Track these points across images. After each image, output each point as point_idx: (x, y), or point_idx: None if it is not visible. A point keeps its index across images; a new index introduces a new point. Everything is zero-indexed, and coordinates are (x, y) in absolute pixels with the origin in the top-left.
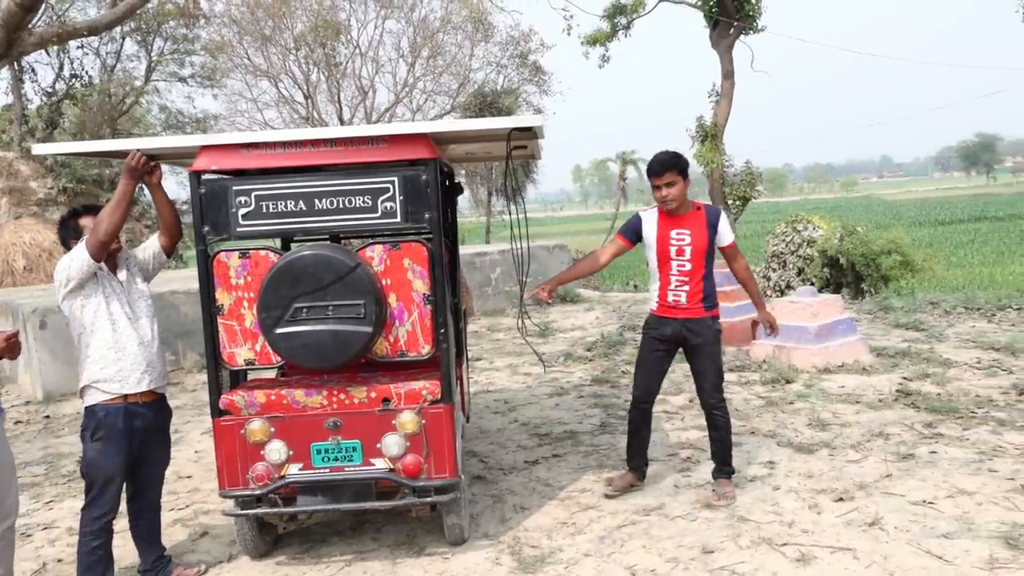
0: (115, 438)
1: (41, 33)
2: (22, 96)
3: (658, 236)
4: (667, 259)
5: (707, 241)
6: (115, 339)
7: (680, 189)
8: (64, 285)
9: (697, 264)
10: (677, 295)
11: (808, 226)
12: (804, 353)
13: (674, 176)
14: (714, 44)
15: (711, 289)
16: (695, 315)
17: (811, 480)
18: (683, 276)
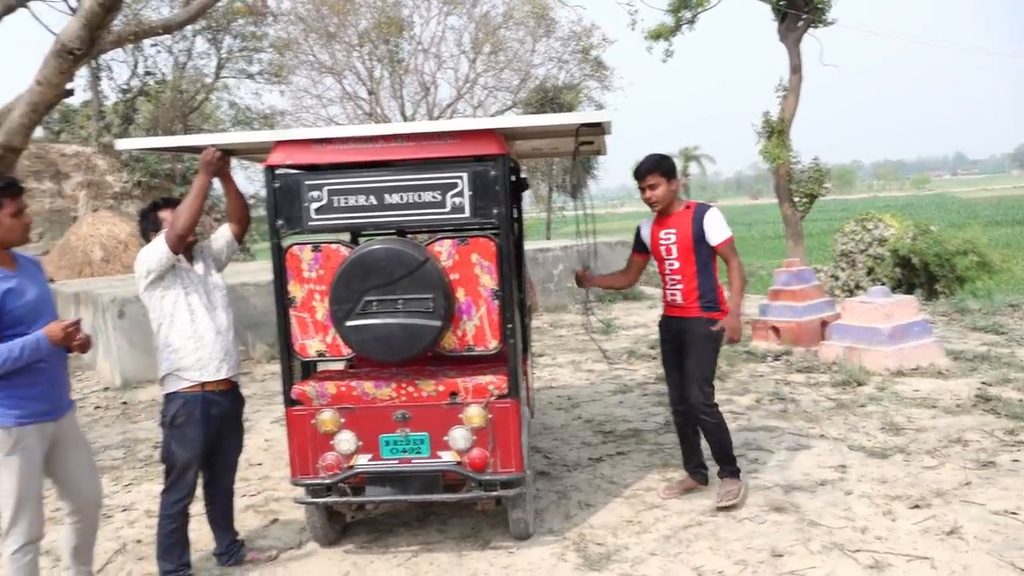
0: (193, 425)
1: (119, 32)
2: (99, 93)
3: (651, 238)
4: (660, 259)
5: (691, 238)
6: (194, 329)
7: (663, 191)
8: (144, 276)
9: (685, 262)
10: (673, 294)
11: (879, 224)
12: (876, 355)
13: (656, 178)
14: (782, 37)
15: (708, 288)
16: (690, 314)
17: (885, 486)
18: (675, 275)
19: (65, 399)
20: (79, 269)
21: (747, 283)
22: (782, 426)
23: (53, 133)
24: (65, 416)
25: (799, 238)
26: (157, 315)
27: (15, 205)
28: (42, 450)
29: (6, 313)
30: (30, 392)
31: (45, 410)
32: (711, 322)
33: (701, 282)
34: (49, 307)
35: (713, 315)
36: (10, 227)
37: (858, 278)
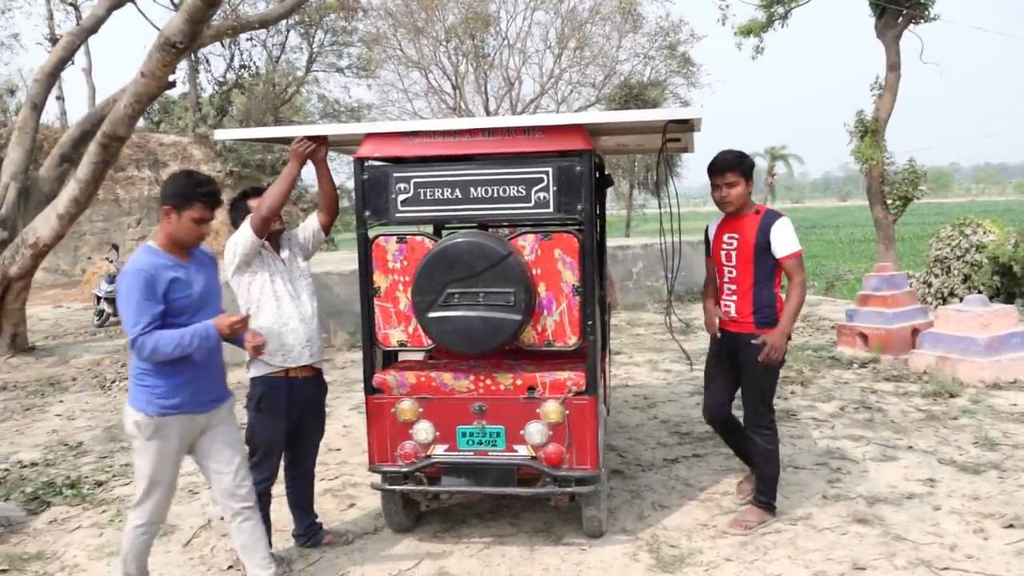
0: (277, 409)
1: (218, 26)
2: (197, 85)
3: (714, 239)
4: (719, 265)
5: (753, 246)
6: (279, 315)
7: (741, 191)
8: (232, 261)
9: (744, 271)
10: (727, 305)
11: (977, 230)
12: (971, 366)
13: (736, 177)
14: (879, 34)
15: (767, 303)
16: (744, 329)
17: (977, 503)
18: (731, 284)
19: (220, 391)
20: None
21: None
22: (868, 435)
23: (153, 123)
24: (219, 408)
25: (891, 242)
26: (244, 300)
27: (202, 212)
28: (183, 439)
29: (171, 302)
30: (179, 381)
31: (194, 401)
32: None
33: (758, 295)
34: (214, 301)
35: (766, 331)
36: (188, 229)
37: (953, 285)
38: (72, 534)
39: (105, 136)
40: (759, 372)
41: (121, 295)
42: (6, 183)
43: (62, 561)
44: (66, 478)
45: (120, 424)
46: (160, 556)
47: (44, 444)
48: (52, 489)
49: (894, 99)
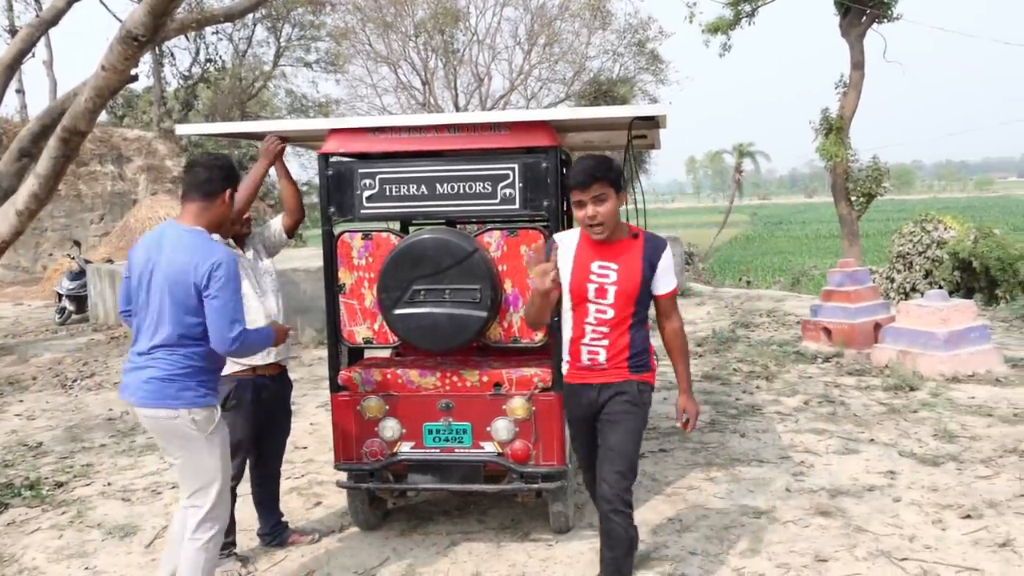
0: (244, 408)
1: (182, 19)
2: (161, 79)
3: (575, 266)
4: (583, 300)
5: (639, 282)
6: (245, 312)
7: (612, 207)
8: None
9: (622, 311)
10: (594, 352)
11: (939, 226)
12: (931, 360)
13: (605, 188)
14: (844, 32)
15: (642, 345)
16: (615, 378)
17: (935, 494)
18: (603, 326)
19: None
20: None
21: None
22: (830, 429)
23: (116, 118)
24: None
25: (855, 238)
26: None
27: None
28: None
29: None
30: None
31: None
32: (644, 386)
33: (635, 337)
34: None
35: (644, 377)
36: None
37: (915, 281)
38: (31, 536)
39: (65, 130)
40: (633, 428)
41: (228, 283)
42: None
43: (20, 564)
44: (25, 479)
45: (81, 424)
46: (121, 557)
47: (3, 444)
48: (10, 490)
49: (858, 97)
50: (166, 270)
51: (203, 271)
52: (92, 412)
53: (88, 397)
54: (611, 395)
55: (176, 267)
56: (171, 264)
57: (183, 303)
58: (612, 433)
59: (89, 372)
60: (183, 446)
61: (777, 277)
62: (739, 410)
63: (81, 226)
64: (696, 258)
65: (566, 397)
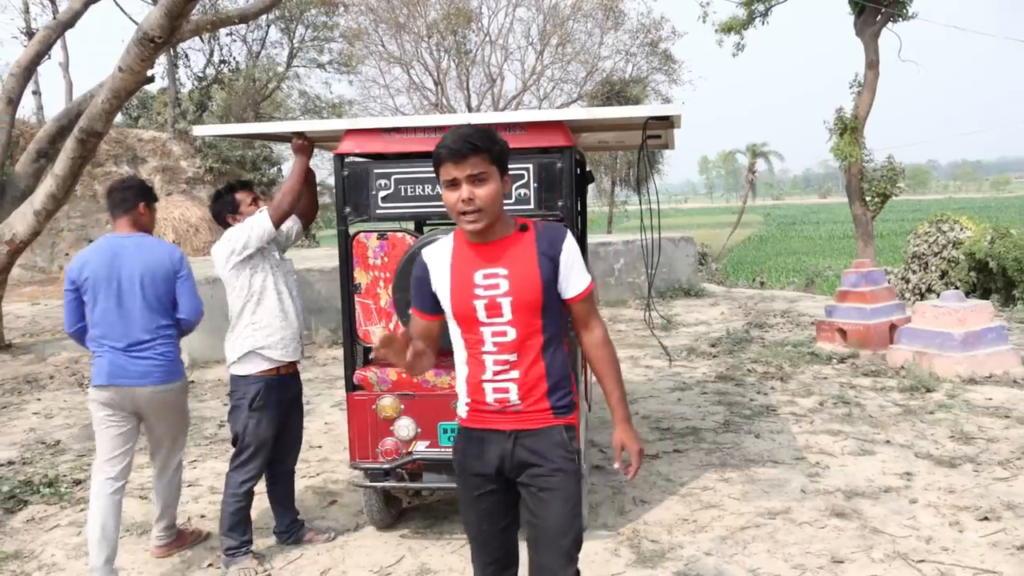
0: (271, 407)
1: (197, 21)
2: (176, 80)
3: (453, 281)
4: (472, 322)
5: (539, 285)
6: (281, 308)
7: (494, 191)
8: (238, 252)
9: (526, 329)
10: (502, 389)
11: (954, 227)
12: (947, 361)
13: (486, 165)
14: (858, 32)
15: (561, 373)
16: (534, 423)
17: (952, 496)
18: (506, 353)
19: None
20: None
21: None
22: (846, 430)
23: (131, 119)
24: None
25: (869, 239)
26: (243, 293)
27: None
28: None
29: None
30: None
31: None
32: (571, 432)
33: (552, 364)
34: None
35: (569, 420)
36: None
37: (930, 281)
38: (50, 533)
39: (82, 132)
40: (573, 494)
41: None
42: None
43: (39, 560)
44: (43, 477)
45: None
46: (139, 554)
47: (21, 443)
48: (29, 488)
49: (873, 97)
50: (140, 269)
51: (176, 257)
52: None
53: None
54: (531, 449)
55: (152, 262)
56: (145, 263)
57: (165, 292)
58: (546, 508)
59: None
60: (177, 411)
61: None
62: (753, 411)
63: (97, 226)
64: (709, 258)
65: (461, 448)
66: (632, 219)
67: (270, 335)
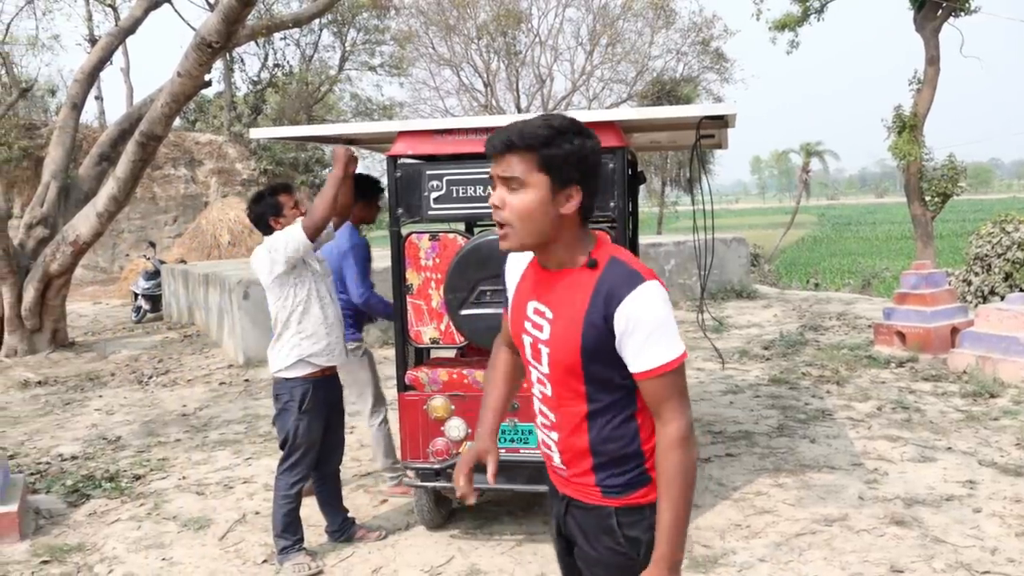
0: (318, 409)
1: (253, 26)
2: (232, 84)
3: (514, 301)
4: (524, 358)
5: (577, 348)
6: (324, 316)
7: (528, 204)
8: (282, 263)
9: (564, 389)
10: (546, 444)
11: (1019, 227)
12: (1013, 366)
13: (523, 169)
14: (918, 27)
15: (619, 449)
16: (583, 497)
17: (1019, 505)
18: (547, 407)
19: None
20: (208, 252)
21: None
22: (905, 436)
23: (189, 122)
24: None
25: (929, 239)
26: (288, 303)
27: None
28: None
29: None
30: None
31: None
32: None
33: (599, 439)
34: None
35: (638, 497)
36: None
37: (994, 283)
38: (111, 527)
39: (143, 135)
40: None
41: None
42: (47, 182)
43: (101, 553)
44: (105, 471)
45: (157, 419)
46: (196, 549)
47: (84, 438)
48: (91, 482)
49: (933, 94)
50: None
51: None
52: (167, 408)
53: (163, 393)
54: (579, 525)
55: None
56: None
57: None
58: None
59: (164, 369)
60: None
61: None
62: (808, 415)
63: (156, 227)
64: (762, 259)
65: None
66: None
67: (316, 343)
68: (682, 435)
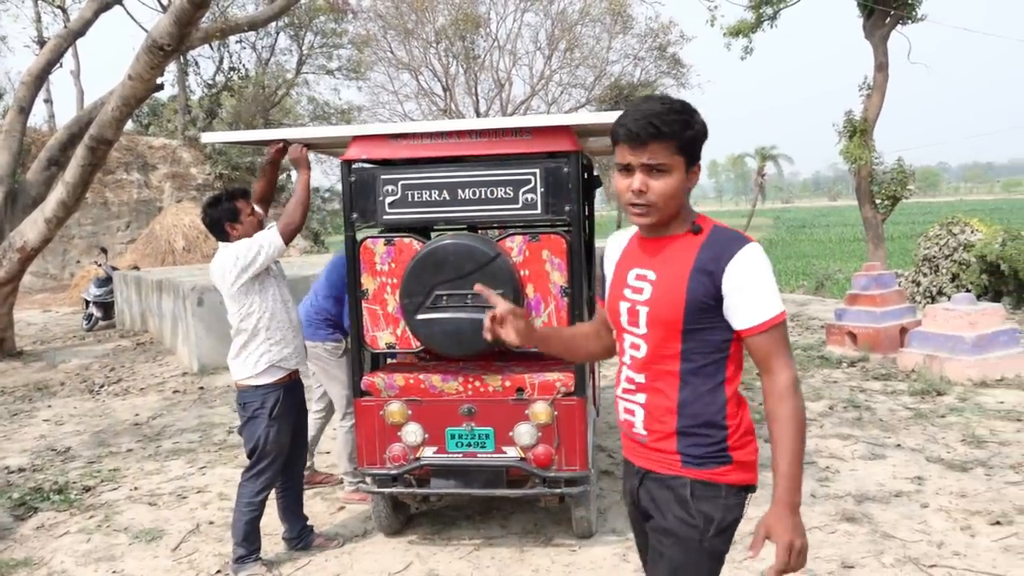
0: (288, 414)
1: (207, 28)
2: (186, 88)
3: (615, 275)
4: (617, 326)
5: (682, 302)
6: (289, 319)
7: (673, 185)
8: (248, 271)
9: (660, 350)
10: (628, 411)
11: (965, 229)
12: (958, 364)
13: (668, 155)
14: (867, 34)
15: (710, 415)
16: (661, 467)
17: (964, 500)
18: (635, 371)
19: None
20: (162, 257)
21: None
22: (856, 434)
23: (142, 126)
24: None
25: (880, 241)
26: (255, 310)
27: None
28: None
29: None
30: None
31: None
32: (708, 490)
33: (687, 401)
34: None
35: (710, 474)
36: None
37: (941, 284)
38: (59, 540)
39: (93, 139)
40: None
41: None
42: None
43: (49, 567)
44: (53, 483)
45: (108, 429)
46: (148, 561)
47: (32, 449)
48: (39, 495)
49: (882, 99)
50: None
51: None
52: (119, 417)
53: (115, 402)
54: (652, 497)
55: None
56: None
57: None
58: (654, 568)
59: (116, 377)
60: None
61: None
62: (762, 415)
63: (108, 233)
64: None
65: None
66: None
67: (285, 347)
68: (792, 384)
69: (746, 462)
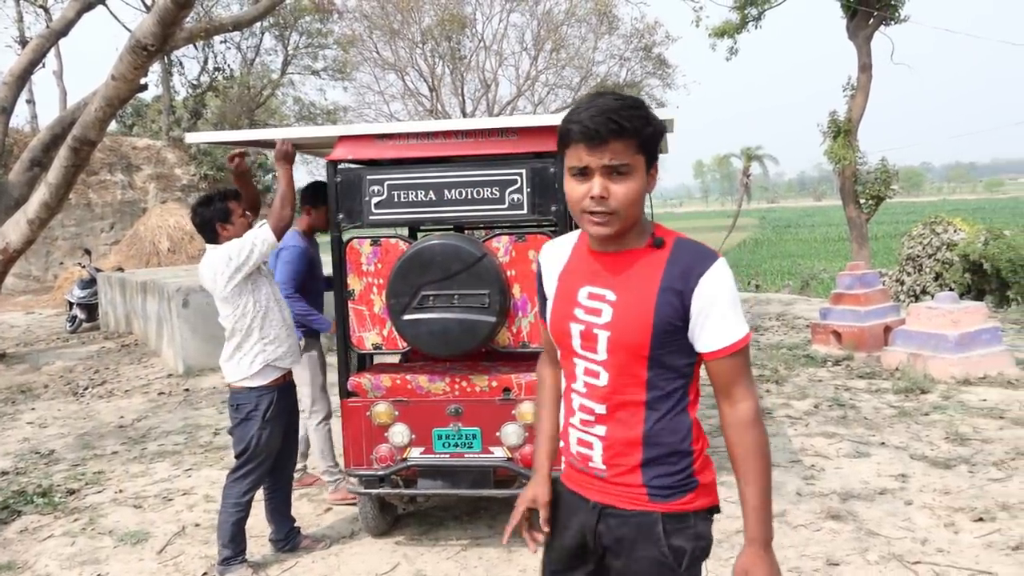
0: (280, 417)
1: (191, 29)
2: (170, 88)
3: (558, 290)
4: (567, 349)
5: (649, 326)
6: (283, 318)
7: (635, 189)
8: (241, 270)
9: (622, 376)
10: (585, 443)
11: (948, 228)
12: (942, 362)
13: (630, 155)
14: (851, 35)
15: (672, 444)
16: (623, 502)
17: (948, 497)
18: (593, 400)
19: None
20: (146, 259)
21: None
22: (841, 432)
23: (126, 127)
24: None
25: (864, 241)
26: (249, 310)
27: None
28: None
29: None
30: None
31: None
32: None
33: (653, 431)
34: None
35: (684, 503)
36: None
37: (925, 283)
38: (43, 543)
39: (76, 140)
40: None
41: None
42: None
43: (33, 571)
44: (37, 487)
45: (93, 431)
46: (133, 564)
47: (15, 452)
48: (23, 498)
49: (866, 99)
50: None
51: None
52: (103, 420)
53: (99, 405)
54: (616, 536)
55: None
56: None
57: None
58: None
59: (100, 380)
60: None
61: (786, 280)
62: None
63: (91, 234)
64: None
65: (554, 500)
66: None
67: (280, 346)
68: (756, 413)
69: (709, 483)
